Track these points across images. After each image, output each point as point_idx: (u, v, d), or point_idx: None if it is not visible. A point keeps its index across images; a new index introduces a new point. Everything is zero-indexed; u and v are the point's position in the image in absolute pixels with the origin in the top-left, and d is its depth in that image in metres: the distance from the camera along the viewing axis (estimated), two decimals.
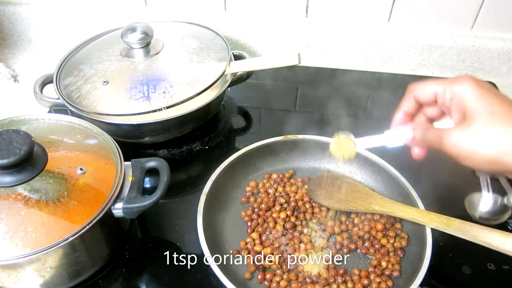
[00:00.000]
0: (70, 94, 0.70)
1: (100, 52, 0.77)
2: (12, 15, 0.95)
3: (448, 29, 0.90)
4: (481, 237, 0.53)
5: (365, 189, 0.64)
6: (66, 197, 0.51)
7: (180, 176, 0.72)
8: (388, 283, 0.56)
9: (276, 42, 0.94)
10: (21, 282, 0.50)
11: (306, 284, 0.56)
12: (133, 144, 0.74)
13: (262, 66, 0.74)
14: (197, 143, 0.76)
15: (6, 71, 0.89)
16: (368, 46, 0.93)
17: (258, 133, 0.79)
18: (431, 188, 0.64)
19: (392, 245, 0.60)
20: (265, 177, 0.69)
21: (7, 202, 0.49)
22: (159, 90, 0.69)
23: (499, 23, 0.88)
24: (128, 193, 0.54)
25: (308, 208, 0.65)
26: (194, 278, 0.57)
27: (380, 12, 0.90)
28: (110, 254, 0.57)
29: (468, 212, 0.60)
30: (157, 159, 0.58)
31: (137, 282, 0.57)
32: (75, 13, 0.95)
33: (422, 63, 0.94)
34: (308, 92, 0.90)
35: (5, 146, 0.47)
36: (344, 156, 0.52)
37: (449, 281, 0.58)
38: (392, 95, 0.88)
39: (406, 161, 0.69)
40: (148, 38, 0.73)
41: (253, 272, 0.57)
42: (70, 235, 0.48)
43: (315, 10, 0.91)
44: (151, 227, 0.64)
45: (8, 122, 0.59)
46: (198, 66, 0.74)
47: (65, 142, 0.58)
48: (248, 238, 0.61)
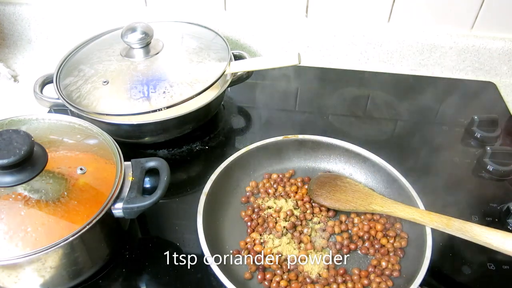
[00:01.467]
0: (70, 94, 0.70)
1: (100, 52, 0.77)
2: (12, 15, 0.96)
3: (448, 29, 0.90)
4: (481, 237, 0.52)
5: (365, 189, 0.64)
6: (66, 197, 0.51)
7: (180, 176, 0.72)
8: (388, 283, 0.56)
9: (276, 42, 0.94)
10: (21, 282, 0.50)
11: (306, 284, 0.56)
12: (133, 144, 0.74)
13: (262, 66, 0.74)
14: (197, 143, 0.76)
15: (6, 71, 0.89)
16: (368, 46, 0.93)
17: (258, 133, 0.79)
18: (431, 188, 0.64)
19: (392, 245, 0.60)
20: (265, 177, 0.69)
21: (7, 202, 0.49)
22: (159, 90, 0.69)
23: (499, 23, 0.88)
24: (128, 193, 0.54)
25: (308, 208, 0.65)
26: (194, 278, 0.57)
27: (380, 12, 0.90)
28: (110, 254, 0.57)
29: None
30: (157, 159, 0.58)
31: (137, 282, 0.57)
32: (75, 13, 0.95)
33: (422, 63, 0.94)
34: (308, 92, 0.90)
35: (5, 146, 0.47)
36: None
37: (449, 281, 0.58)
38: (392, 95, 0.89)
39: (406, 161, 0.70)
40: (148, 38, 0.73)
41: (253, 272, 0.57)
42: (70, 235, 0.48)
43: (315, 10, 0.91)
44: (151, 227, 0.64)
45: (8, 122, 0.59)
46: (198, 66, 0.74)
47: (65, 142, 0.58)
48: (248, 238, 0.61)
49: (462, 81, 0.93)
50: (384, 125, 0.82)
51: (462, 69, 0.94)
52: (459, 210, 0.62)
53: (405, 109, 0.85)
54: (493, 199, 0.68)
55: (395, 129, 0.81)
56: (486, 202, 0.67)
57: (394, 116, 0.84)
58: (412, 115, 0.84)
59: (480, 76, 0.94)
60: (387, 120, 0.83)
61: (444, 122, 0.82)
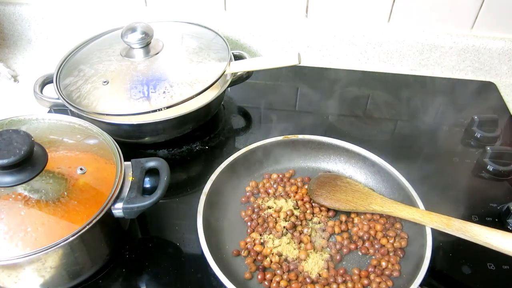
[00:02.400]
0: (70, 94, 0.70)
1: (100, 52, 0.77)
2: (12, 15, 0.96)
3: (448, 29, 0.90)
4: (481, 237, 0.53)
5: (365, 189, 0.64)
6: (66, 197, 0.51)
7: (180, 176, 0.72)
8: (388, 283, 0.56)
9: (276, 42, 0.94)
10: (21, 282, 0.50)
11: (306, 284, 0.56)
12: (133, 144, 0.74)
13: (262, 66, 0.74)
14: (197, 143, 0.76)
15: (6, 71, 0.89)
16: (368, 46, 0.93)
17: (258, 133, 0.79)
18: (431, 188, 0.64)
19: (392, 245, 0.60)
20: (265, 177, 0.69)
21: (7, 202, 0.49)
22: (159, 90, 0.69)
23: (499, 23, 0.88)
24: (128, 193, 0.54)
25: (308, 208, 0.64)
26: (194, 278, 0.57)
27: (380, 12, 0.90)
28: (110, 254, 0.57)
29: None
30: (157, 159, 0.58)
31: (137, 282, 0.57)
32: (75, 13, 0.95)
33: (422, 63, 0.94)
34: (308, 92, 0.90)
35: (5, 146, 0.47)
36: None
37: (449, 281, 0.58)
38: (392, 95, 0.89)
39: (406, 161, 0.70)
40: (148, 38, 0.73)
41: (253, 272, 0.57)
42: (70, 235, 0.48)
43: (315, 10, 0.91)
44: (151, 227, 0.64)
45: (8, 122, 0.59)
46: (198, 66, 0.74)
47: (65, 142, 0.58)
48: (248, 238, 0.61)
49: (462, 81, 0.93)
50: (384, 125, 0.82)
51: (462, 69, 0.94)
52: (459, 210, 0.62)
53: (405, 109, 0.85)
54: (493, 199, 0.68)
55: (395, 129, 0.81)
56: (486, 202, 0.67)
57: (394, 116, 0.84)
58: (412, 115, 0.84)
59: (480, 76, 0.94)
60: (387, 120, 0.83)
61: (444, 122, 0.82)
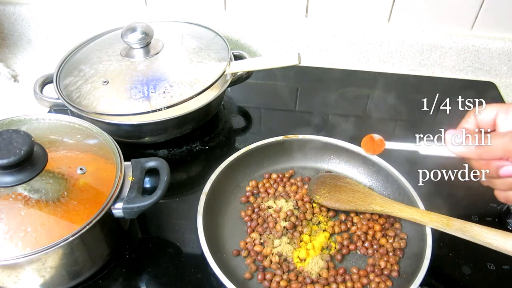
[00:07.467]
0: (70, 94, 0.70)
1: (100, 52, 0.77)
2: (12, 15, 0.96)
3: (448, 29, 0.90)
4: (481, 237, 0.52)
5: (365, 189, 0.64)
6: (66, 197, 0.51)
7: (180, 176, 0.72)
8: (388, 283, 0.56)
9: (276, 42, 0.94)
10: (21, 282, 0.50)
11: (306, 284, 0.56)
12: (133, 144, 0.74)
13: (262, 66, 0.74)
14: (197, 143, 0.76)
15: (6, 71, 0.89)
16: (368, 46, 0.93)
17: (258, 133, 0.79)
18: (431, 188, 0.64)
19: (391, 245, 0.60)
20: (265, 177, 0.69)
21: (7, 202, 0.49)
22: (159, 90, 0.69)
23: (499, 23, 0.88)
24: (128, 193, 0.54)
25: (308, 208, 0.64)
26: (194, 278, 0.57)
27: (380, 12, 0.90)
28: (110, 254, 0.57)
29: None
30: (157, 159, 0.58)
31: (137, 282, 0.57)
32: (75, 13, 0.95)
33: (422, 63, 0.94)
34: (308, 92, 0.90)
35: (5, 146, 0.47)
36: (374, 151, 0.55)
37: (449, 281, 0.58)
38: (392, 95, 0.89)
39: (406, 161, 0.70)
40: (148, 38, 0.73)
41: (253, 272, 0.57)
42: (70, 235, 0.48)
43: (315, 10, 0.91)
44: (151, 227, 0.64)
45: (8, 122, 0.59)
46: (198, 66, 0.74)
47: (65, 142, 0.58)
48: (248, 238, 0.61)
49: (462, 81, 0.93)
50: (384, 125, 0.82)
51: (462, 69, 0.94)
52: (459, 210, 0.62)
53: (405, 109, 0.85)
54: (493, 199, 0.67)
55: (395, 129, 0.81)
56: (486, 202, 0.67)
57: (394, 116, 0.84)
58: (412, 115, 0.84)
59: (480, 76, 0.94)
60: (387, 120, 0.83)
61: (444, 122, 0.82)
